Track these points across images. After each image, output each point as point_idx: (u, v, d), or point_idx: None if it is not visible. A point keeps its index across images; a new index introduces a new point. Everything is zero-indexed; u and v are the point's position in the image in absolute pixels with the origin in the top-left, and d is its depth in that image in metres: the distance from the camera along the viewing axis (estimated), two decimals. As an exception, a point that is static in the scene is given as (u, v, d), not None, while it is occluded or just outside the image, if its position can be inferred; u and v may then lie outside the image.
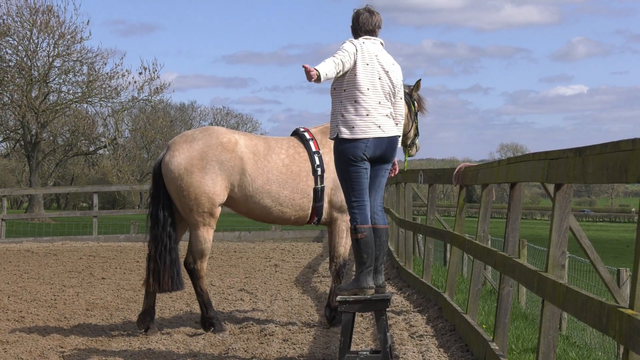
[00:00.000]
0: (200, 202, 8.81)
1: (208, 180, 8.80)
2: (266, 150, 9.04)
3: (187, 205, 8.86)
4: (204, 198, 8.80)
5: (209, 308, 9.04)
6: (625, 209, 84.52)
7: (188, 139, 8.97)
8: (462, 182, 9.42)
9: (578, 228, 7.61)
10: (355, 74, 6.91)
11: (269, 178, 8.92)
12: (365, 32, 7.16)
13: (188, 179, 8.80)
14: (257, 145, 9.05)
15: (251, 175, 8.88)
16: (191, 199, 8.81)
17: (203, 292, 9.04)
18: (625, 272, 9.64)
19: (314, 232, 23.73)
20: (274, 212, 9.06)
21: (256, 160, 8.94)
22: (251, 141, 9.09)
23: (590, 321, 4.41)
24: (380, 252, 6.91)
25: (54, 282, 13.53)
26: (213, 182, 8.81)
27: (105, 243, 22.84)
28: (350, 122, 6.86)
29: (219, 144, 8.87)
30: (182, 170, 8.82)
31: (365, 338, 8.62)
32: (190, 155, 8.84)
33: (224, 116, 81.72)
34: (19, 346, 8.27)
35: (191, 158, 8.83)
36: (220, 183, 8.84)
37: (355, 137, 6.84)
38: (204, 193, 8.79)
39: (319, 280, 13.91)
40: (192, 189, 8.80)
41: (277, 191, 8.93)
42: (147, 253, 9.05)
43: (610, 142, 4.30)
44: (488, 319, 9.61)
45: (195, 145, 8.89)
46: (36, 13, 41.71)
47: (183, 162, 8.83)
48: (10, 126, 47.02)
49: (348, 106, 6.89)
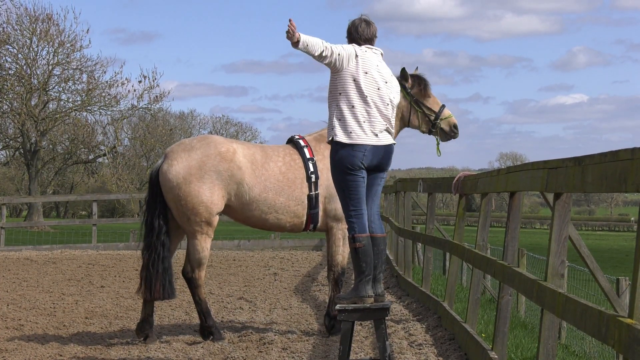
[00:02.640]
0: (198, 212, 8.82)
1: (206, 190, 8.82)
2: (264, 159, 9.06)
3: (184, 215, 8.87)
4: (201, 207, 8.81)
5: (208, 317, 9.04)
6: (624, 218, 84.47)
7: (186, 148, 8.97)
8: (461, 191, 9.42)
9: (577, 237, 7.61)
10: (354, 80, 6.87)
11: (266, 186, 8.95)
12: (364, 40, 7.14)
13: (186, 188, 8.81)
14: (254, 154, 9.07)
15: (249, 184, 8.91)
16: (189, 208, 8.82)
17: (201, 301, 9.04)
18: (625, 281, 9.63)
19: (313, 240, 23.71)
20: (270, 220, 9.09)
21: (254, 169, 8.96)
22: (249, 150, 9.11)
23: (590, 330, 4.40)
24: (378, 260, 6.90)
25: (53, 290, 13.52)
26: (211, 192, 8.83)
27: (104, 251, 22.83)
28: (347, 127, 6.81)
29: (218, 154, 8.89)
30: (180, 179, 8.82)
31: (365, 347, 8.61)
32: (189, 164, 8.85)
33: (224, 125, 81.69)
34: (18, 354, 8.26)
35: (190, 167, 8.84)
36: (217, 192, 8.85)
37: (352, 142, 6.79)
38: (202, 202, 8.81)
39: (318, 288, 13.90)
40: (190, 198, 8.80)
41: (274, 198, 8.96)
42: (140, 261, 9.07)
43: (610, 151, 4.30)
44: (487, 328, 9.60)
45: (193, 154, 8.90)
46: (36, 21, 41.71)
47: (182, 171, 8.83)
48: (10, 134, 46.98)
49: (345, 111, 6.83)
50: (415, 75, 9.47)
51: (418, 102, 9.37)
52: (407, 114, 9.38)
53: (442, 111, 9.37)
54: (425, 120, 9.39)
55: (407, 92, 9.36)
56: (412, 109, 9.37)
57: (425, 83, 9.42)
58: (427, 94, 9.40)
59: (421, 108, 9.36)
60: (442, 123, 9.35)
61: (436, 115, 9.36)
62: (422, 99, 9.38)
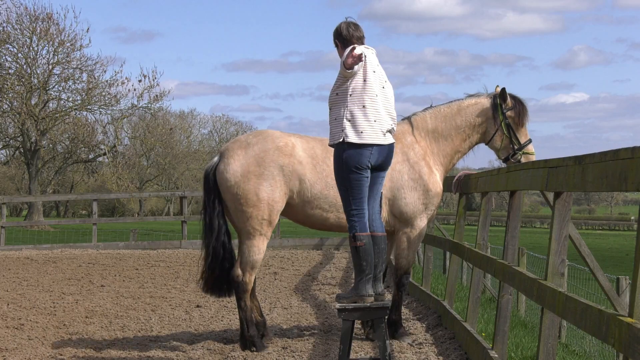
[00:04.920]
0: (259, 210, 8.42)
1: (266, 187, 8.43)
2: (324, 153, 8.60)
3: (244, 214, 8.44)
4: (262, 205, 8.41)
5: (250, 326, 8.51)
6: (624, 217, 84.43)
7: (242, 145, 8.60)
8: (461, 190, 9.42)
9: (577, 236, 7.61)
10: (364, 80, 6.86)
11: (328, 183, 8.50)
12: (357, 39, 7.13)
13: (245, 186, 8.42)
14: (314, 148, 8.65)
15: (310, 180, 8.50)
16: (249, 206, 8.41)
17: (247, 308, 8.53)
18: (625, 280, 9.62)
19: (314, 239, 23.69)
20: (330, 219, 8.66)
21: (315, 164, 8.56)
22: (308, 144, 8.69)
23: (590, 329, 4.40)
24: (379, 259, 6.91)
25: (53, 289, 13.52)
26: (272, 189, 8.44)
27: (104, 251, 22.83)
28: (358, 127, 6.78)
29: (276, 148, 8.51)
30: (238, 177, 8.45)
31: (365, 346, 8.61)
32: (247, 161, 8.47)
33: (224, 124, 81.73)
34: (18, 353, 8.26)
35: (247, 164, 8.46)
36: (279, 189, 8.47)
37: (363, 142, 6.76)
38: (263, 200, 8.41)
39: (318, 288, 13.90)
40: (250, 196, 8.41)
41: (335, 196, 8.43)
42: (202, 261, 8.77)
43: (610, 150, 4.30)
44: (487, 327, 9.60)
45: (250, 150, 8.53)
46: (36, 21, 41.73)
47: (239, 169, 8.46)
48: (10, 133, 47.00)
49: (355, 111, 6.80)
50: (517, 99, 9.15)
51: (509, 127, 9.07)
52: (492, 132, 9.10)
53: (527, 145, 9.07)
54: (507, 147, 9.10)
55: (502, 112, 9.06)
56: (500, 130, 9.08)
57: (523, 111, 9.10)
58: (522, 122, 9.09)
59: (509, 134, 9.07)
60: (522, 156, 9.03)
61: (520, 147, 9.06)
62: (514, 125, 9.08)
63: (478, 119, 9.12)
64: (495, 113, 9.08)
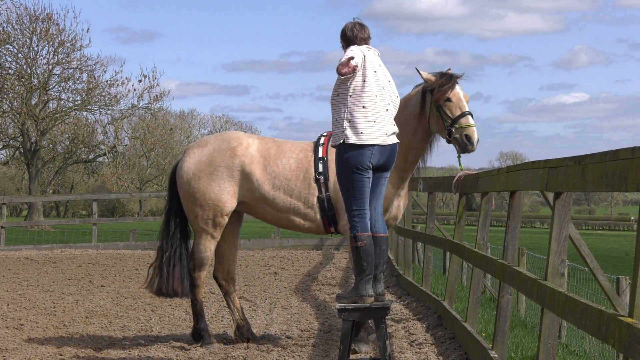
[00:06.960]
0: (204, 210, 8.57)
1: (214, 187, 8.55)
2: (277, 154, 8.59)
3: (192, 212, 8.67)
4: (208, 205, 8.56)
5: (200, 319, 8.79)
6: (624, 218, 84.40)
7: (201, 144, 8.78)
8: (461, 190, 9.42)
9: (577, 236, 7.60)
10: (363, 80, 6.87)
11: (275, 184, 8.51)
12: (360, 40, 7.13)
13: (195, 185, 8.59)
14: (269, 149, 8.64)
15: (258, 180, 8.53)
16: (196, 205, 8.60)
17: (197, 302, 8.83)
18: (625, 280, 9.62)
19: (314, 240, 23.67)
20: (283, 219, 8.68)
21: (265, 164, 8.55)
22: (265, 145, 8.69)
23: (590, 329, 4.40)
24: (379, 260, 6.90)
25: (53, 289, 13.52)
26: (220, 189, 8.55)
27: (104, 251, 22.83)
28: (358, 128, 6.77)
29: (229, 149, 8.59)
30: (190, 175, 8.62)
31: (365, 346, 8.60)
32: (200, 160, 8.62)
33: (224, 124, 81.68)
34: (18, 354, 8.26)
35: (200, 163, 8.61)
36: (227, 190, 8.55)
37: (363, 142, 6.76)
38: (209, 200, 8.55)
39: (318, 288, 13.90)
40: (198, 195, 8.57)
41: (283, 199, 8.50)
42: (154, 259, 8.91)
43: (610, 150, 4.30)
44: (487, 327, 9.60)
45: (205, 150, 8.67)
46: (36, 21, 41.69)
47: (192, 167, 8.63)
48: (10, 134, 46.96)
49: (355, 112, 6.80)
50: (438, 74, 8.39)
51: (439, 106, 8.31)
52: (428, 117, 8.40)
53: (460, 119, 8.22)
54: (442, 126, 8.31)
55: (429, 92, 8.37)
56: (431, 112, 8.36)
57: (443, 84, 8.28)
58: (445, 96, 8.27)
59: (439, 112, 8.31)
60: (456, 132, 8.23)
61: (452, 122, 8.23)
62: (442, 102, 8.28)
63: (417, 108, 8.42)
64: (424, 96, 8.40)
